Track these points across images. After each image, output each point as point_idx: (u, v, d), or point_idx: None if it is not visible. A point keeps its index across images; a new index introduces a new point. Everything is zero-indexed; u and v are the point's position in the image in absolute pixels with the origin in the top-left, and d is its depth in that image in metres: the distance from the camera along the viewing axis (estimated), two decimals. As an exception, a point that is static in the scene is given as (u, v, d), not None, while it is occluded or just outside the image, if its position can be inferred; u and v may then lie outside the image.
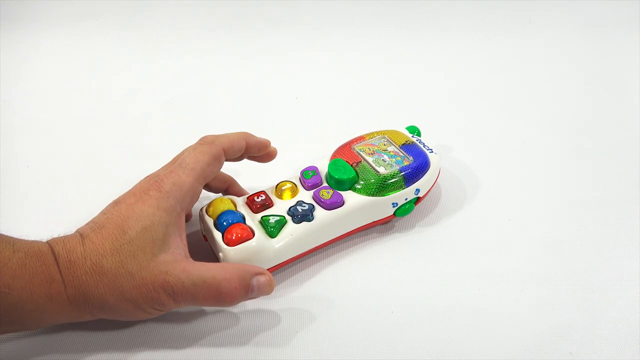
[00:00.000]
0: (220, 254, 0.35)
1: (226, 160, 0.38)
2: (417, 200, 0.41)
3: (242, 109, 0.55)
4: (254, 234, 0.35)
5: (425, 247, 0.40)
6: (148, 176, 0.36)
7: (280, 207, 0.38)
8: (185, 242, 0.34)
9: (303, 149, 0.49)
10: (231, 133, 0.38)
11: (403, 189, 0.39)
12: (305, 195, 0.39)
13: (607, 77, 0.59)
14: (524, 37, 0.66)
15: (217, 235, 0.36)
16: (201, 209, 0.38)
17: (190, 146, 0.37)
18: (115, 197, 0.34)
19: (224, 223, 0.36)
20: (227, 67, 0.62)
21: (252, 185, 0.40)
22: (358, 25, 0.69)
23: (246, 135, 0.39)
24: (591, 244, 0.40)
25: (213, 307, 0.36)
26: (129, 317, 0.33)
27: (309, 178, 0.40)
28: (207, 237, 0.38)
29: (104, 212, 0.33)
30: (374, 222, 0.40)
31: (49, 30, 0.67)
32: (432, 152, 0.42)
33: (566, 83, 0.58)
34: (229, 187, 0.41)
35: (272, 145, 0.40)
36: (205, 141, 0.37)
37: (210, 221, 0.37)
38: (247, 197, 0.39)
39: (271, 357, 0.33)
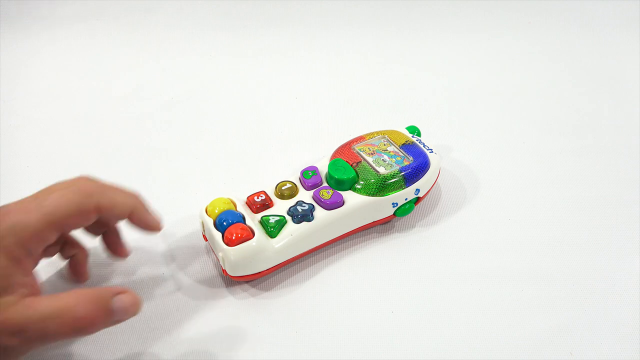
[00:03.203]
0: (220, 254, 0.35)
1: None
2: (417, 200, 0.41)
3: (242, 108, 0.55)
4: (254, 234, 0.35)
5: (425, 247, 0.40)
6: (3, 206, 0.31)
7: (280, 207, 0.38)
8: (34, 282, 0.30)
9: (303, 149, 0.49)
10: (120, 193, 0.33)
11: (403, 189, 0.39)
12: (305, 195, 0.39)
13: (607, 77, 0.59)
14: (524, 37, 0.66)
15: (217, 235, 0.36)
16: (201, 209, 0.38)
17: (63, 186, 0.31)
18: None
19: (224, 223, 0.36)
20: (227, 67, 0.62)
21: (252, 185, 0.40)
22: (358, 25, 0.69)
23: (136, 206, 0.33)
24: (591, 244, 0.40)
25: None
26: None
27: (309, 178, 0.40)
28: (207, 237, 0.38)
29: None
30: (374, 222, 0.40)
31: (48, 31, 0.67)
32: (432, 152, 0.42)
33: (566, 83, 0.58)
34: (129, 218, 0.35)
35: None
36: (82, 189, 0.31)
37: (210, 221, 0.37)
38: (247, 197, 0.39)
39: (270, 357, 0.33)
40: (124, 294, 0.29)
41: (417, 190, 0.40)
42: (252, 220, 0.37)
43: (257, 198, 0.38)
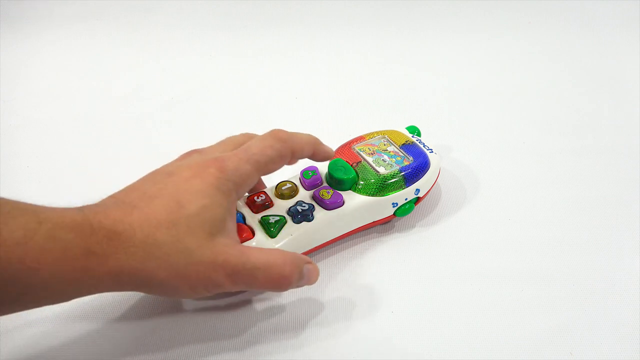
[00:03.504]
0: (220, 254, 0.35)
1: None
2: (417, 200, 0.41)
3: (242, 108, 0.55)
4: (254, 234, 0.35)
5: (425, 247, 0.40)
6: (198, 151, 0.34)
7: (280, 207, 0.38)
8: (236, 228, 0.33)
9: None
10: (303, 135, 0.36)
11: (403, 189, 0.39)
12: (305, 195, 0.39)
13: (607, 77, 0.59)
14: (524, 37, 0.66)
15: (217, 235, 0.35)
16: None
17: (260, 135, 0.34)
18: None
19: (224, 223, 0.36)
20: (227, 67, 0.62)
21: (252, 185, 0.40)
22: (358, 24, 0.69)
23: (316, 142, 0.36)
24: (591, 244, 0.40)
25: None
26: (174, 295, 0.31)
27: (309, 178, 0.39)
28: (207, 237, 0.38)
29: (152, 181, 0.31)
30: (374, 222, 0.40)
31: (49, 30, 0.67)
32: (432, 152, 0.42)
33: (566, 83, 0.58)
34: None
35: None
36: (277, 137, 0.34)
37: (210, 221, 0.37)
38: (247, 197, 0.39)
39: (270, 356, 0.33)
40: (310, 264, 0.33)
41: (417, 190, 0.40)
42: (252, 220, 0.37)
43: (257, 198, 0.38)
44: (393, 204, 0.39)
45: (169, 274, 0.29)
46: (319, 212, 0.37)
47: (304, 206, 0.37)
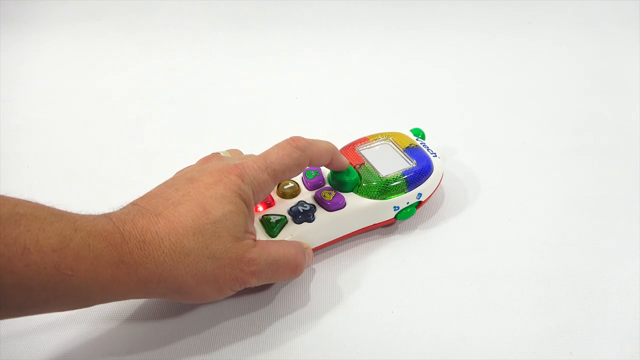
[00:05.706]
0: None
1: None
2: (419, 204, 0.41)
3: (242, 108, 0.55)
4: (254, 233, 0.35)
5: (425, 247, 0.40)
6: (218, 156, 0.36)
7: (281, 207, 0.38)
8: (254, 229, 0.34)
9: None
10: (322, 143, 0.36)
11: (405, 192, 0.39)
12: (307, 196, 0.39)
13: (607, 76, 0.59)
14: (524, 37, 0.66)
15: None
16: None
17: (278, 144, 0.35)
18: (116, 197, 0.34)
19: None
20: (227, 67, 0.62)
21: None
22: (359, 25, 0.69)
23: (334, 151, 0.37)
24: (591, 244, 0.40)
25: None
26: (200, 300, 0.32)
27: (312, 178, 0.39)
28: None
29: (174, 187, 0.32)
30: (374, 224, 0.40)
31: (49, 30, 0.67)
32: (436, 156, 0.42)
33: (566, 83, 0.58)
34: None
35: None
36: (296, 145, 0.34)
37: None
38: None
39: (270, 357, 0.33)
40: (307, 247, 0.36)
41: (419, 195, 0.40)
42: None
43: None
44: (394, 207, 0.39)
45: (198, 280, 0.30)
46: (320, 213, 0.37)
47: (306, 206, 0.37)
